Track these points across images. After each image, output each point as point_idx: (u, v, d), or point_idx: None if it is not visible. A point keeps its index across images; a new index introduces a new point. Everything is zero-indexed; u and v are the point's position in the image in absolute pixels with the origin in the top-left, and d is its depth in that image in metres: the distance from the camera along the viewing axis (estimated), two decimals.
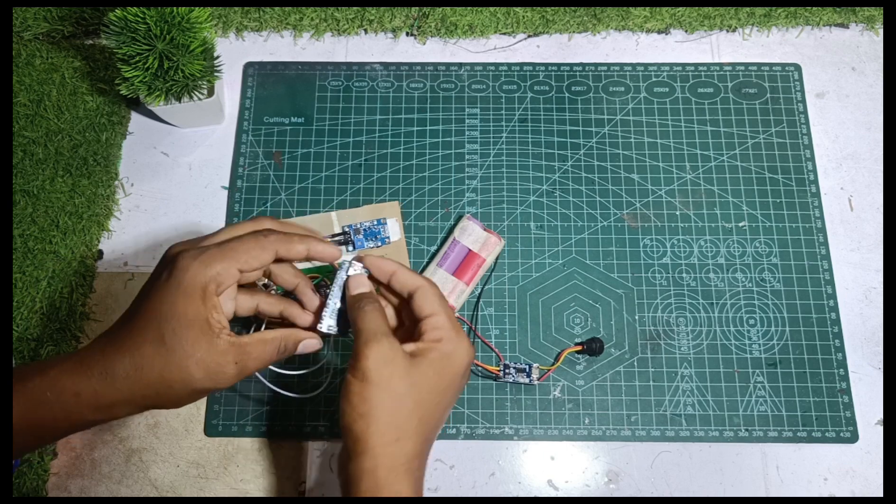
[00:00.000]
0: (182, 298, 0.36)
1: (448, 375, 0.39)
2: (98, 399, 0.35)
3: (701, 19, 0.64)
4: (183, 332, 0.36)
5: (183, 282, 0.36)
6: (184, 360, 0.36)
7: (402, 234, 0.57)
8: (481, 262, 0.54)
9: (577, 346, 0.53)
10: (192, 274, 0.36)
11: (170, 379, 0.36)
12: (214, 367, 0.36)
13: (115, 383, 0.35)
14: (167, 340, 0.35)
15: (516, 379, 0.52)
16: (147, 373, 0.35)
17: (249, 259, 0.38)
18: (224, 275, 0.37)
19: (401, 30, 0.64)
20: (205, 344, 0.36)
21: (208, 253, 0.37)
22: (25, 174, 0.57)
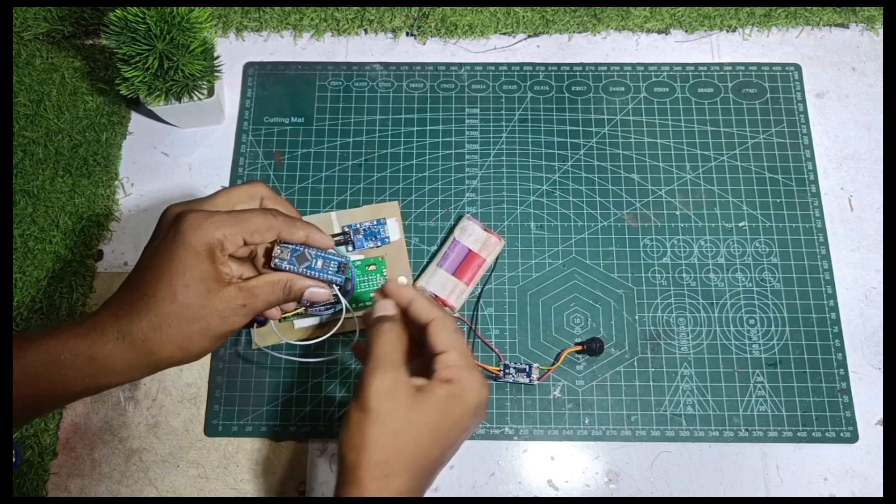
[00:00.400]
0: (192, 256, 0.37)
1: (454, 416, 0.38)
2: (114, 362, 0.37)
3: (701, 19, 0.64)
4: (196, 285, 0.37)
5: (192, 240, 0.37)
6: (199, 311, 0.37)
7: (401, 234, 0.57)
8: (481, 262, 0.54)
9: (577, 346, 0.53)
10: (202, 233, 0.37)
11: (188, 332, 0.37)
12: (228, 312, 0.38)
13: (134, 346, 0.37)
14: (180, 296, 0.37)
15: (516, 379, 0.52)
16: (166, 331, 0.37)
17: (255, 232, 0.39)
18: (231, 239, 0.38)
19: (401, 30, 0.64)
20: (217, 294, 0.38)
21: (219, 216, 0.38)
22: (25, 174, 0.57)
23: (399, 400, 0.37)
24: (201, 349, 0.39)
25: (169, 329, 0.37)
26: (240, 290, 0.39)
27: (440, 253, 0.55)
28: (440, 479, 0.52)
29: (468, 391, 0.38)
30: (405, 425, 0.36)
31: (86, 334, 0.36)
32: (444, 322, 0.40)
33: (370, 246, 0.56)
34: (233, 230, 0.38)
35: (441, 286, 0.53)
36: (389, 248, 0.56)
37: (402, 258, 0.56)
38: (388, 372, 0.37)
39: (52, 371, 0.36)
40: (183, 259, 0.37)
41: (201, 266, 0.37)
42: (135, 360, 0.37)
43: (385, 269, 0.55)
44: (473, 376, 0.38)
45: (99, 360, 0.36)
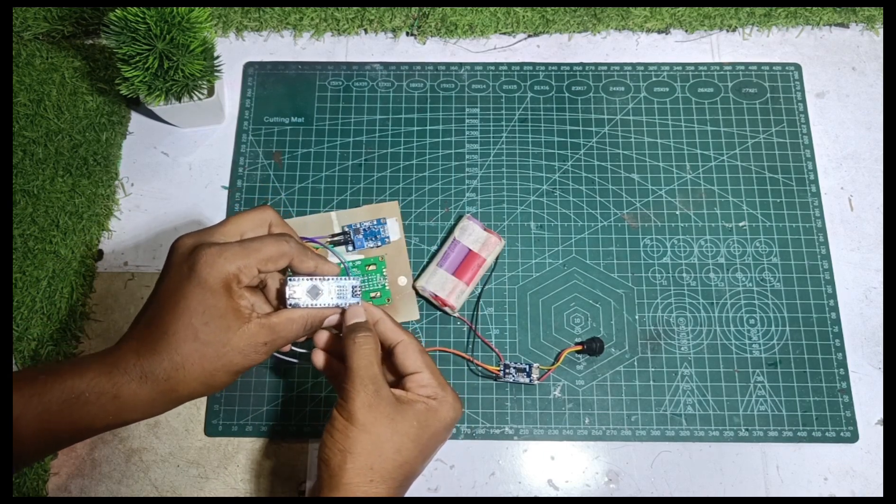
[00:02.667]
0: (210, 294, 0.37)
1: (432, 429, 0.40)
2: (138, 401, 0.36)
3: (701, 19, 0.64)
4: (216, 322, 0.37)
5: (209, 278, 0.37)
6: (220, 348, 0.37)
7: (401, 234, 0.57)
8: (481, 262, 0.54)
9: (577, 345, 0.53)
10: (217, 270, 0.37)
11: (211, 369, 0.37)
12: (249, 349, 0.38)
13: (157, 385, 0.36)
14: (201, 335, 0.37)
15: (516, 379, 0.52)
16: (189, 370, 0.37)
17: (269, 261, 0.39)
18: (245, 272, 0.38)
19: (401, 30, 0.64)
20: (238, 331, 0.37)
21: (232, 250, 0.38)
22: (25, 174, 0.57)
23: (382, 411, 0.38)
24: (223, 383, 0.39)
25: (192, 368, 0.37)
26: (261, 328, 0.39)
27: (440, 253, 0.55)
28: (440, 479, 0.52)
29: (446, 407, 0.40)
30: (390, 434, 0.38)
31: (109, 372, 0.36)
32: (413, 344, 0.42)
33: (370, 246, 0.56)
34: (247, 261, 0.38)
35: (441, 286, 0.53)
36: (389, 247, 0.56)
37: (402, 258, 0.56)
38: (369, 384, 0.39)
39: (76, 409, 0.36)
40: (200, 297, 0.37)
41: (219, 303, 0.37)
42: (158, 398, 0.37)
43: (385, 269, 0.55)
44: (450, 394, 0.41)
45: (123, 398, 0.36)
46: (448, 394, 0.41)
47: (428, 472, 0.52)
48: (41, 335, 0.54)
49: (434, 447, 0.41)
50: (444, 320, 0.55)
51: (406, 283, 0.55)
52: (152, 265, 0.57)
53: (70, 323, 0.54)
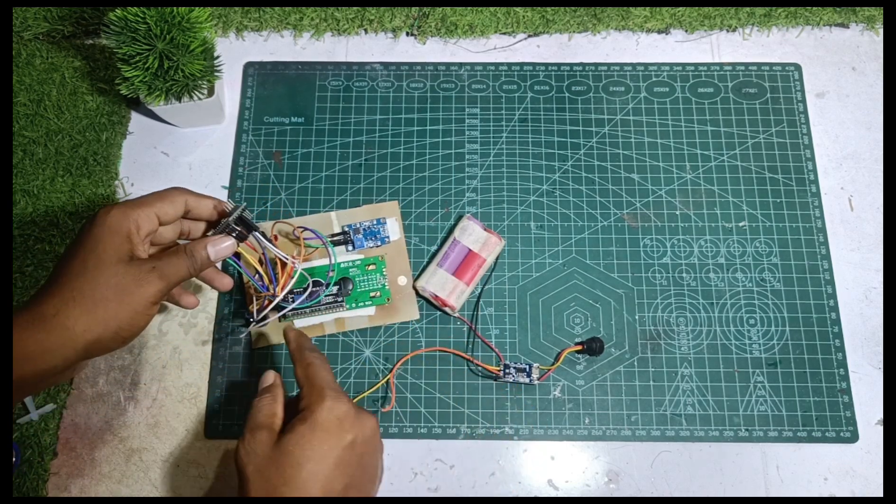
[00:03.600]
0: (107, 234, 0.39)
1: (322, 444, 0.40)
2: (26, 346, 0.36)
3: (701, 19, 0.64)
4: (107, 256, 0.39)
5: (106, 221, 0.40)
6: (110, 277, 0.38)
7: (401, 234, 0.57)
8: (481, 262, 0.54)
9: (577, 345, 0.53)
10: (114, 215, 0.40)
11: (101, 297, 0.38)
12: (138, 275, 0.39)
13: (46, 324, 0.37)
14: (91, 267, 0.38)
15: (516, 379, 0.52)
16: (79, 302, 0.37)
17: (164, 206, 0.42)
18: (143, 219, 0.41)
19: (401, 30, 0.64)
20: (126, 263, 0.39)
21: (128, 201, 0.41)
22: (25, 174, 0.57)
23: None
24: (120, 321, 0.39)
25: (82, 299, 0.37)
26: (148, 259, 0.41)
27: (440, 253, 0.55)
28: (440, 478, 0.52)
29: (316, 413, 0.40)
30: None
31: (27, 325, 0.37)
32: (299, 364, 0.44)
33: (370, 246, 0.56)
34: (143, 208, 0.41)
35: (441, 286, 0.53)
36: (389, 247, 0.56)
37: (402, 258, 0.56)
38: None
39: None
40: (96, 236, 0.39)
41: (114, 240, 0.39)
42: (48, 341, 0.37)
43: (385, 269, 0.55)
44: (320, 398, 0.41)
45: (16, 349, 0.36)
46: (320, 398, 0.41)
47: (428, 472, 0.52)
48: None
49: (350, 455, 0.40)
50: (444, 320, 0.55)
51: (406, 283, 0.55)
52: None
53: None
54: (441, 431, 0.52)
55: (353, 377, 0.54)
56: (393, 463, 0.52)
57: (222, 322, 0.55)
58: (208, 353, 0.54)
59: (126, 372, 0.54)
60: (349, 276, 0.54)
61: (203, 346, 0.55)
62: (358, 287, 0.54)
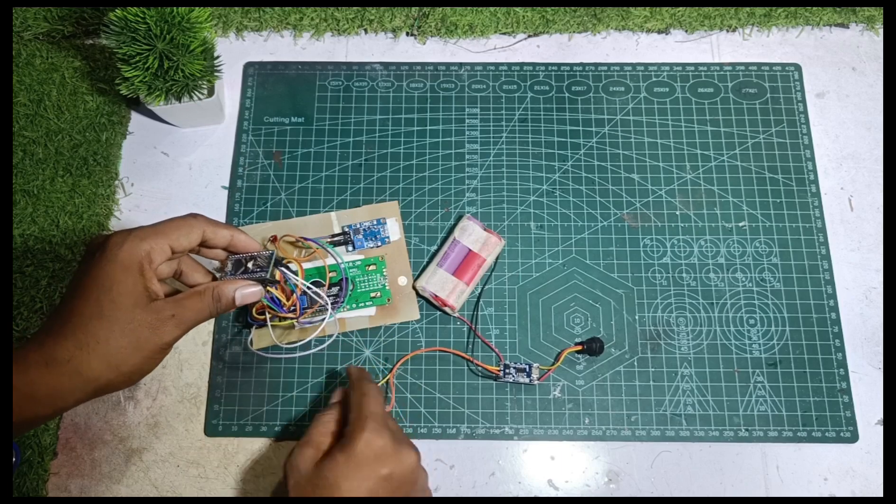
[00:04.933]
0: (119, 270, 0.37)
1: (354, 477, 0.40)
2: (36, 390, 0.35)
3: (701, 19, 0.64)
4: (123, 300, 0.37)
5: (118, 256, 0.37)
6: (127, 324, 0.36)
7: (401, 234, 0.57)
8: (481, 262, 0.54)
9: (577, 346, 0.53)
10: (127, 248, 0.37)
11: (117, 346, 0.36)
12: (156, 323, 0.37)
13: (59, 369, 0.35)
14: (107, 311, 0.36)
15: (516, 379, 0.52)
16: (93, 348, 0.36)
17: (179, 237, 0.40)
18: (157, 250, 0.38)
19: (401, 30, 0.64)
20: (144, 306, 0.37)
21: (141, 230, 0.39)
22: (25, 174, 0.57)
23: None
24: (132, 366, 0.37)
25: (97, 346, 0.36)
26: (166, 302, 0.38)
27: (440, 253, 0.55)
28: (440, 478, 0.52)
29: (355, 443, 0.40)
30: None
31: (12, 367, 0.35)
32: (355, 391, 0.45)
33: (370, 246, 0.56)
34: (157, 238, 0.38)
35: (441, 286, 0.53)
36: (389, 247, 0.56)
37: (402, 258, 0.56)
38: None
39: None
40: (109, 274, 0.37)
41: (128, 280, 0.37)
42: (60, 384, 0.35)
43: (385, 269, 0.55)
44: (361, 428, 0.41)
45: (21, 390, 0.35)
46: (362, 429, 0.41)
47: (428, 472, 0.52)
48: None
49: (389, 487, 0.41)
50: (444, 320, 0.55)
51: (406, 283, 0.55)
52: None
53: None
54: (441, 431, 0.52)
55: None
56: None
57: (222, 322, 0.55)
58: (208, 353, 0.54)
59: None
60: (349, 276, 0.54)
61: (203, 346, 0.55)
62: (358, 287, 0.54)
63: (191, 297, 0.40)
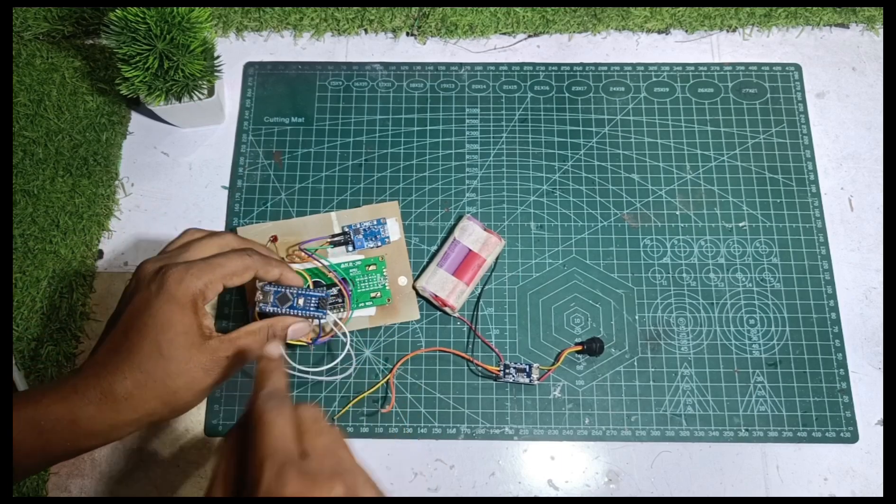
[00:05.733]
0: (177, 310, 0.37)
1: None
2: (95, 424, 0.36)
3: (701, 19, 0.64)
4: (180, 340, 0.37)
5: (177, 293, 0.38)
6: (183, 365, 0.37)
7: (401, 234, 0.57)
8: (482, 262, 0.54)
9: (577, 346, 0.53)
10: (184, 286, 0.38)
11: (173, 387, 0.37)
12: (211, 364, 0.38)
13: (117, 405, 0.36)
14: (165, 351, 0.37)
15: (516, 379, 0.52)
16: (150, 387, 0.37)
17: (234, 276, 0.40)
18: (211, 288, 0.39)
19: (401, 30, 0.64)
20: (201, 346, 0.38)
21: (198, 266, 0.39)
22: (25, 174, 0.57)
23: None
24: (186, 403, 0.38)
25: (154, 385, 0.36)
26: (221, 342, 0.39)
27: (440, 253, 0.55)
28: (440, 479, 0.52)
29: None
30: None
31: (66, 398, 0.36)
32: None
33: (370, 246, 0.56)
34: (212, 276, 0.39)
35: (441, 286, 0.53)
36: (389, 247, 0.56)
37: (403, 258, 0.56)
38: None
39: (32, 438, 0.35)
40: (167, 313, 0.37)
41: (185, 319, 0.38)
42: (117, 419, 0.36)
43: (385, 269, 0.55)
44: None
45: (80, 423, 0.35)
46: None
47: (428, 472, 0.52)
48: (41, 335, 0.54)
49: None
50: (444, 320, 0.55)
51: (406, 284, 0.55)
52: None
53: (70, 323, 0.54)
54: (441, 431, 0.52)
55: (353, 377, 0.54)
56: (393, 463, 0.52)
57: (223, 322, 0.55)
58: None
59: None
60: (349, 276, 0.54)
61: None
62: (358, 287, 0.54)
63: (245, 336, 0.40)
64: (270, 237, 0.54)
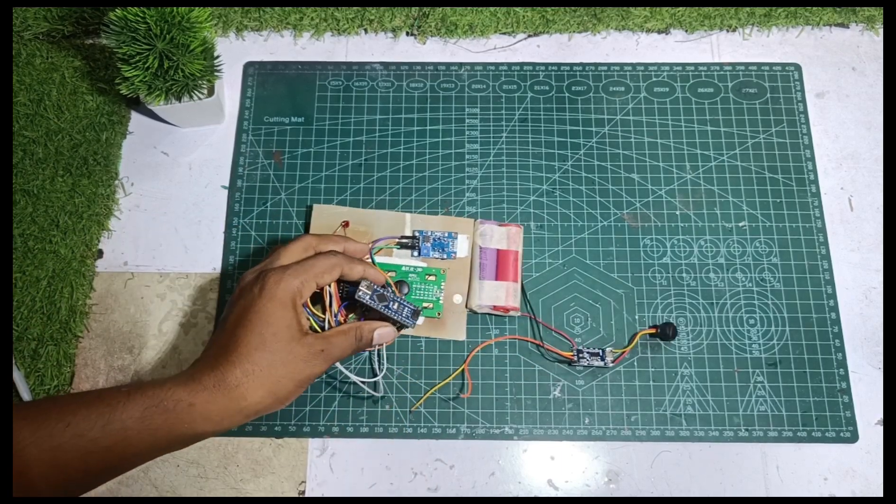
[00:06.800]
0: (279, 307, 0.42)
1: None
2: (210, 408, 0.40)
3: (701, 19, 0.64)
4: (283, 333, 0.42)
5: (277, 292, 0.43)
6: (286, 356, 0.42)
7: (469, 253, 0.55)
8: (516, 255, 0.54)
9: (651, 328, 0.54)
10: (284, 285, 0.43)
11: (277, 376, 0.42)
12: (309, 356, 0.43)
13: (229, 392, 0.41)
14: (269, 344, 0.42)
15: (591, 363, 0.52)
16: (258, 375, 0.41)
17: (324, 275, 0.45)
18: (306, 287, 0.44)
19: (401, 29, 0.64)
20: (300, 340, 0.43)
21: (293, 268, 0.44)
22: (25, 174, 0.57)
23: None
24: (288, 392, 0.43)
25: (261, 374, 0.41)
26: (316, 338, 0.44)
27: (474, 266, 0.54)
28: (440, 478, 0.52)
29: None
30: None
31: (185, 383, 0.40)
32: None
33: (435, 256, 0.55)
34: (306, 276, 0.44)
35: (494, 296, 0.53)
36: (454, 262, 0.55)
37: (463, 276, 0.55)
38: None
39: (156, 416, 0.39)
40: (270, 311, 0.42)
41: (286, 315, 0.43)
42: (228, 405, 0.41)
43: (444, 283, 0.54)
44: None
45: (197, 406, 0.40)
46: None
47: (428, 472, 0.52)
48: (41, 334, 0.54)
49: None
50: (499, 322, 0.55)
51: (461, 302, 0.54)
52: (152, 265, 0.57)
53: (70, 322, 0.54)
54: (441, 431, 0.52)
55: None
56: (393, 463, 0.52)
57: None
58: None
59: (126, 372, 0.54)
60: (407, 280, 0.54)
61: (203, 345, 0.55)
62: (413, 293, 0.54)
63: (336, 335, 0.45)
64: (342, 222, 0.54)
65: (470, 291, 0.54)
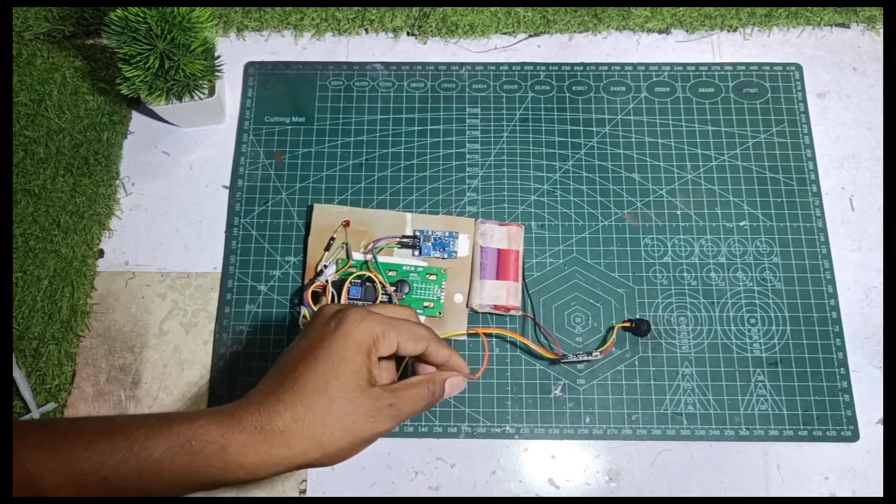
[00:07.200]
0: (352, 348, 0.36)
1: None
2: (245, 455, 0.34)
3: (702, 19, 0.64)
4: (348, 378, 0.36)
5: (354, 332, 0.37)
6: (346, 406, 0.36)
7: (470, 252, 0.55)
8: (517, 254, 0.54)
9: (627, 322, 0.54)
10: (364, 326, 0.37)
11: (332, 427, 0.35)
12: (374, 411, 0.37)
13: (271, 438, 0.35)
14: (330, 388, 0.36)
15: (578, 358, 0.52)
16: (309, 423, 0.35)
17: (410, 339, 0.39)
18: (386, 339, 0.38)
19: (401, 29, 0.65)
20: (364, 391, 0.36)
21: (380, 315, 0.38)
22: (26, 173, 0.58)
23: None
24: (339, 450, 0.36)
25: (313, 421, 0.35)
26: (384, 391, 0.37)
27: (474, 267, 0.55)
28: (441, 477, 0.52)
29: None
30: None
31: (221, 421, 0.35)
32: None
33: (436, 256, 0.55)
34: (391, 330, 0.38)
35: (495, 295, 0.53)
36: (454, 262, 0.55)
37: (464, 276, 0.55)
38: None
39: (178, 458, 0.34)
40: (341, 349, 0.36)
41: (357, 359, 0.36)
42: (268, 453, 0.35)
43: (444, 283, 0.54)
44: None
45: (230, 450, 0.34)
46: None
47: (429, 471, 0.52)
48: (42, 334, 0.54)
49: None
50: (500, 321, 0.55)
51: (461, 301, 0.54)
52: (153, 264, 0.57)
53: (71, 322, 0.54)
54: (442, 430, 0.52)
55: None
56: (393, 462, 0.52)
57: (223, 321, 0.55)
58: (209, 352, 0.54)
59: (127, 371, 0.54)
60: (408, 280, 0.54)
61: (204, 345, 0.55)
62: (413, 293, 0.54)
63: (407, 388, 0.39)
64: (343, 222, 0.54)
65: (471, 291, 0.54)
